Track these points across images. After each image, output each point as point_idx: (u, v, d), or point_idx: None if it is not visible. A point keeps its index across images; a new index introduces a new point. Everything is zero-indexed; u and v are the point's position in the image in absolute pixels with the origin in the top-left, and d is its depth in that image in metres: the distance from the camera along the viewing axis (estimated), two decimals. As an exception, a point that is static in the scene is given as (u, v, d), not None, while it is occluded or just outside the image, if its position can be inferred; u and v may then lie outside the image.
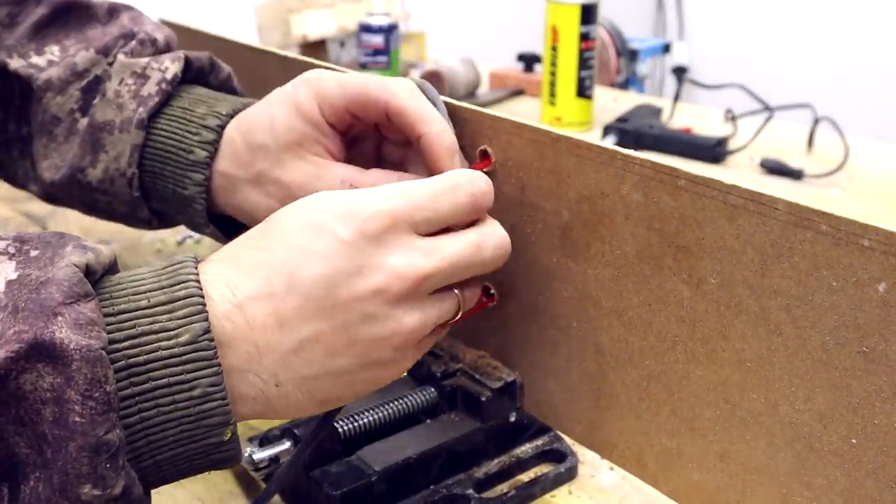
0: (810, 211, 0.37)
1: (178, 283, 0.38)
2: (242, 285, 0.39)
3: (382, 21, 1.33)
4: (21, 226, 0.91)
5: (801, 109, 1.16)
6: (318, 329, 0.39)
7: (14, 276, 0.35)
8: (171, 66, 0.58)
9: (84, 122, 0.58)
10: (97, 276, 0.38)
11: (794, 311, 0.39)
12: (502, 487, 0.54)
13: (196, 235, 0.95)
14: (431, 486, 0.52)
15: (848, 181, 1.03)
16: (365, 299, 0.39)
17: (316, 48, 1.44)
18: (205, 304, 0.37)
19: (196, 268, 0.39)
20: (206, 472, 0.40)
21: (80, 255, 0.37)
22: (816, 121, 1.14)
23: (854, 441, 0.39)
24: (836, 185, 1.02)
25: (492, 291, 0.55)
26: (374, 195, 0.41)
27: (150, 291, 0.38)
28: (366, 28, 1.33)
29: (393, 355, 0.41)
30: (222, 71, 0.62)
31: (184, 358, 0.36)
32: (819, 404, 0.39)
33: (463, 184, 0.43)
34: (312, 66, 0.64)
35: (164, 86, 0.57)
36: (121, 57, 0.59)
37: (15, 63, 0.59)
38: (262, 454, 0.51)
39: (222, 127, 0.55)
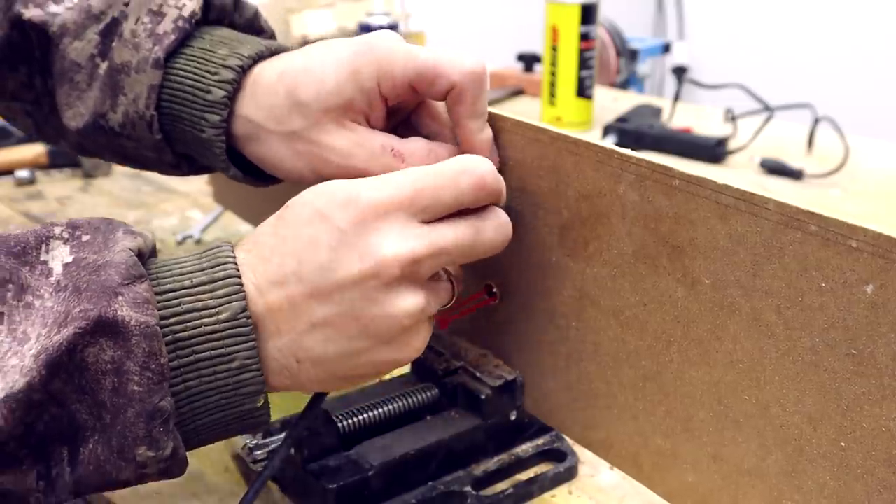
0: (799, 211, 0.37)
1: (217, 265, 0.41)
2: (262, 268, 0.42)
3: (382, 21, 1.33)
4: (21, 226, 0.91)
5: (801, 109, 1.16)
6: (326, 313, 0.42)
7: (70, 259, 0.39)
8: (188, 3, 0.55)
9: (104, 66, 0.56)
10: (145, 259, 0.41)
11: (785, 313, 0.39)
12: (501, 485, 0.54)
13: (196, 235, 0.95)
14: (429, 483, 0.52)
15: (848, 181, 1.03)
16: (362, 283, 0.42)
17: (316, 48, 1.44)
18: (242, 285, 0.41)
19: (233, 251, 0.42)
20: (228, 436, 0.43)
21: (132, 240, 0.40)
22: (816, 121, 1.14)
23: (843, 444, 0.39)
24: (836, 185, 1.03)
25: (494, 290, 0.55)
26: (374, 184, 0.43)
27: (192, 273, 0.41)
28: (366, 28, 1.33)
29: (402, 337, 0.44)
30: (248, 8, 0.59)
31: (224, 333, 0.40)
32: (809, 407, 0.40)
33: (469, 170, 0.44)
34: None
35: (180, 23, 0.54)
36: None
37: (30, 12, 0.57)
38: (261, 448, 0.51)
39: (243, 68, 0.53)
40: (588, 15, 1.20)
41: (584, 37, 1.21)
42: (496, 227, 0.45)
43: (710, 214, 0.41)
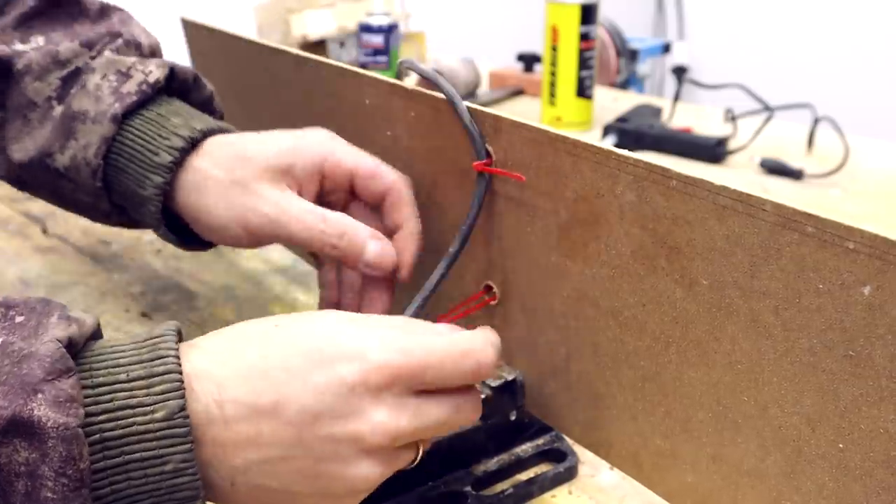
0: (796, 212, 0.37)
1: (158, 358, 0.38)
2: (231, 386, 0.39)
3: (382, 21, 1.33)
4: (21, 226, 0.91)
5: (801, 109, 1.16)
6: (289, 454, 0.40)
7: None
8: (155, 70, 0.58)
9: (59, 109, 0.58)
10: (79, 347, 0.38)
11: (783, 314, 0.39)
12: (501, 485, 0.54)
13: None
14: (429, 483, 0.52)
15: (848, 181, 1.03)
16: (342, 441, 0.40)
17: (316, 48, 1.44)
18: (182, 381, 0.38)
19: (176, 342, 0.40)
20: None
21: (64, 328, 0.37)
22: (816, 121, 1.14)
23: (841, 445, 0.39)
24: (836, 185, 1.02)
25: (494, 290, 0.55)
26: (386, 345, 0.41)
27: (129, 365, 0.38)
28: (366, 28, 1.34)
29: (345, 496, 0.42)
30: (205, 89, 0.63)
31: (158, 434, 0.37)
32: (807, 408, 0.40)
33: (473, 355, 0.43)
34: (326, 66, 0.65)
35: (144, 87, 0.57)
36: (107, 53, 0.60)
37: None
38: None
39: (193, 139, 0.56)
40: (588, 15, 1.20)
41: (584, 37, 1.21)
42: (472, 406, 0.45)
43: (708, 215, 0.41)
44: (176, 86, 0.60)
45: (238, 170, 0.55)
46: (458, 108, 0.52)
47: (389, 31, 1.33)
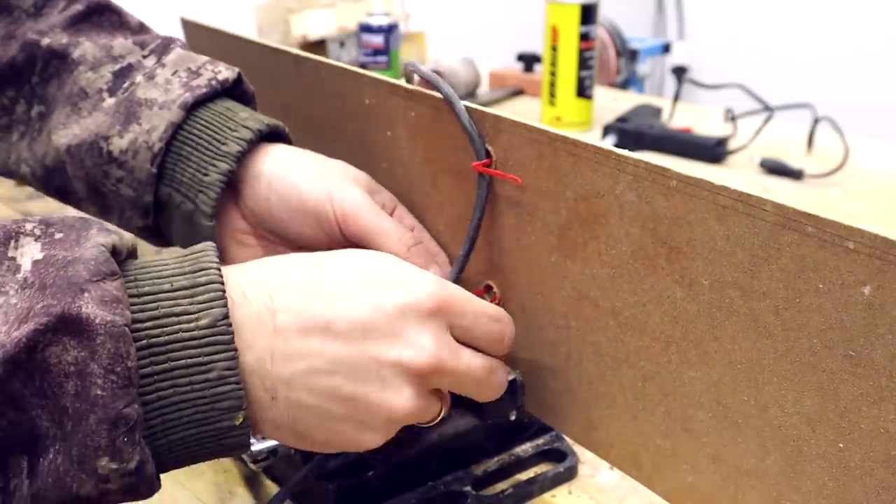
0: (796, 212, 0.37)
1: (200, 270, 0.40)
2: (285, 296, 0.41)
3: (382, 21, 1.33)
4: None
5: (801, 109, 1.16)
6: (334, 368, 0.41)
7: (40, 256, 0.37)
8: (224, 71, 0.59)
9: (111, 101, 0.59)
10: (122, 258, 0.39)
11: (783, 314, 0.39)
12: (501, 485, 0.54)
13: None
14: (429, 483, 0.52)
15: (848, 181, 1.04)
16: (384, 363, 0.42)
17: (316, 48, 1.44)
18: (224, 291, 0.39)
19: (217, 256, 0.41)
20: (216, 459, 0.41)
21: (105, 236, 0.39)
22: (816, 121, 1.15)
23: (841, 445, 0.39)
24: (836, 185, 1.03)
25: (494, 290, 0.55)
26: (435, 281, 0.45)
27: (173, 276, 0.39)
28: (366, 28, 1.34)
29: (378, 423, 0.43)
30: (254, 104, 0.64)
31: (203, 341, 0.38)
32: (807, 408, 0.40)
33: (504, 322, 0.48)
34: (326, 65, 0.65)
35: (213, 83, 0.58)
36: (178, 50, 0.61)
37: (47, 39, 0.60)
38: (260, 446, 0.51)
39: (261, 131, 0.57)
40: (588, 15, 1.21)
41: (584, 37, 1.21)
42: (501, 378, 0.48)
43: (708, 215, 0.41)
44: (238, 92, 0.61)
45: (326, 175, 0.56)
46: (457, 108, 0.52)
47: (389, 31, 1.33)
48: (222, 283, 0.39)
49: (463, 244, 0.53)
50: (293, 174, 0.56)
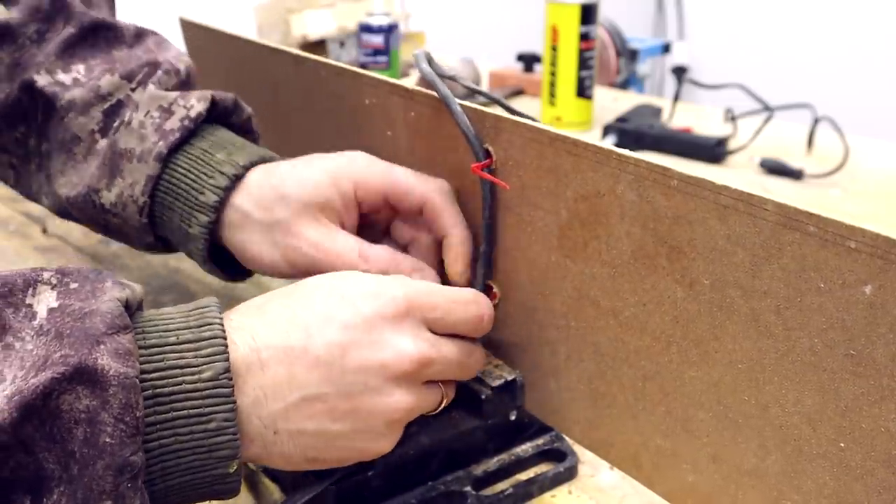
0: (798, 212, 0.37)
1: (205, 325, 0.42)
2: (264, 333, 0.43)
3: (382, 21, 1.33)
4: (21, 226, 0.91)
5: (801, 109, 1.16)
6: (323, 390, 0.43)
7: (55, 304, 0.39)
8: (196, 104, 0.59)
9: (103, 143, 0.59)
10: (133, 311, 0.41)
11: (784, 313, 0.39)
12: (501, 485, 0.54)
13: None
14: (429, 483, 0.52)
15: (848, 181, 1.03)
16: (369, 371, 0.44)
17: (316, 48, 1.44)
18: (227, 346, 0.41)
19: (220, 312, 0.43)
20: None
21: (120, 290, 0.41)
22: (816, 121, 1.14)
23: (842, 445, 0.39)
24: (836, 185, 1.02)
25: (494, 290, 0.55)
26: (399, 284, 0.47)
27: (178, 329, 0.41)
28: (366, 28, 1.33)
29: (382, 430, 0.45)
30: (244, 112, 0.63)
31: (205, 392, 0.40)
32: (808, 407, 0.40)
33: (479, 303, 0.50)
34: (326, 65, 0.65)
35: (186, 122, 0.58)
36: (151, 88, 0.60)
37: (42, 80, 0.60)
38: None
39: (237, 175, 0.57)
40: (588, 15, 1.20)
41: (584, 37, 1.21)
42: (480, 356, 0.51)
43: (709, 215, 0.41)
44: (216, 114, 0.61)
45: (278, 210, 0.56)
46: (454, 110, 0.52)
47: (389, 31, 1.33)
48: (225, 339, 0.41)
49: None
50: (246, 241, 0.57)
